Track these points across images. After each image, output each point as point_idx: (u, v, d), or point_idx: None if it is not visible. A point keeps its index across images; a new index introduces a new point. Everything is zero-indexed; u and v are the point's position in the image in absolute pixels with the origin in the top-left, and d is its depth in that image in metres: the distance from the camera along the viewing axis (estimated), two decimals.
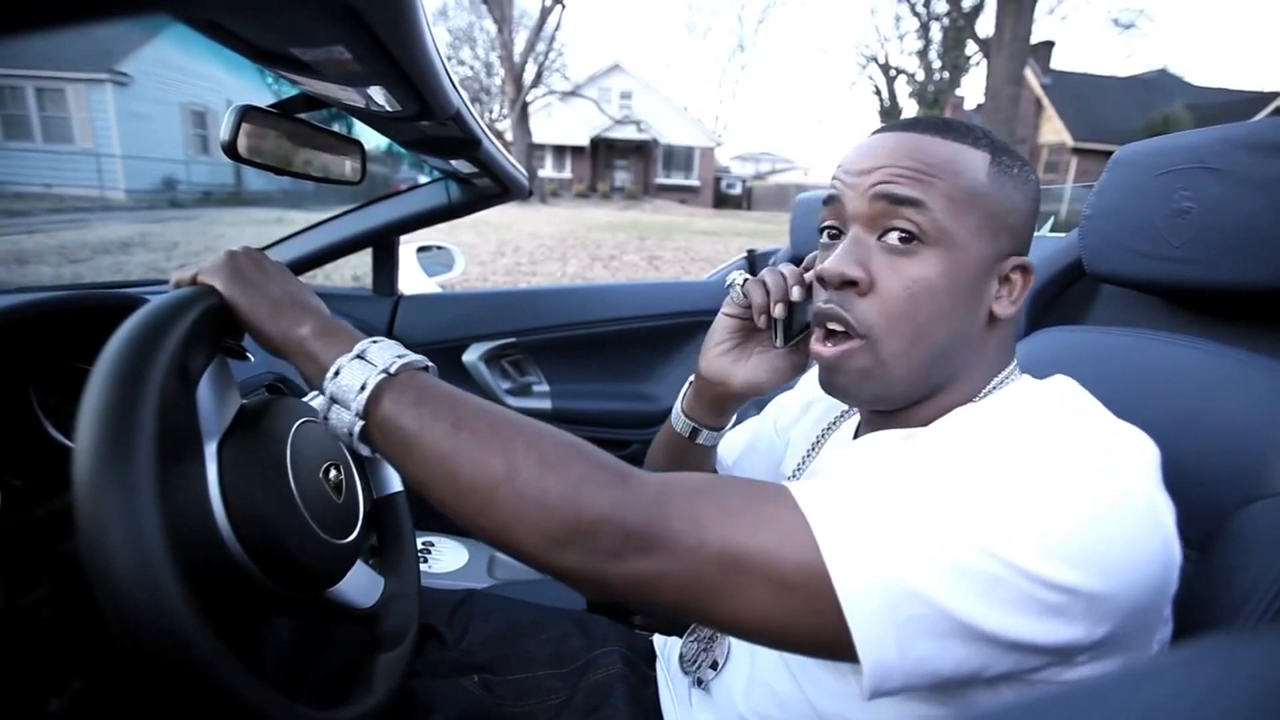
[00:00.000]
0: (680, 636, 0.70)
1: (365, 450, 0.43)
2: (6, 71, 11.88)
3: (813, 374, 0.60)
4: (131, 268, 6.51)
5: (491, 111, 25.11)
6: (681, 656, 0.65)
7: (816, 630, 0.36)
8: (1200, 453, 0.51)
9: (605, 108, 25.36)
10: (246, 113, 0.73)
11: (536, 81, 21.72)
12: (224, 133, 0.72)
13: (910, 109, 23.05)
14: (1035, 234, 0.53)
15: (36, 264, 5.93)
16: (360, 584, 0.59)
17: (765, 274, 0.58)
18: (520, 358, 1.59)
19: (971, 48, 18.69)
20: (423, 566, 1.05)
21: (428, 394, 0.42)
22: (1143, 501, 0.37)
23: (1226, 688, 0.20)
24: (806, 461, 0.63)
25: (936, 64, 21.69)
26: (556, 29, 21.68)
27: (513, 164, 1.15)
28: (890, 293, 0.47)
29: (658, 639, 0.74)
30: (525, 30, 21.34)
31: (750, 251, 1.76)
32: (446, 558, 1.12)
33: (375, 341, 0.44)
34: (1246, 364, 0.53)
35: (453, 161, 1.05)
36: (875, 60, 23.07)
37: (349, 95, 0.66)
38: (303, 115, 0.80)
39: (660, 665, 0.69)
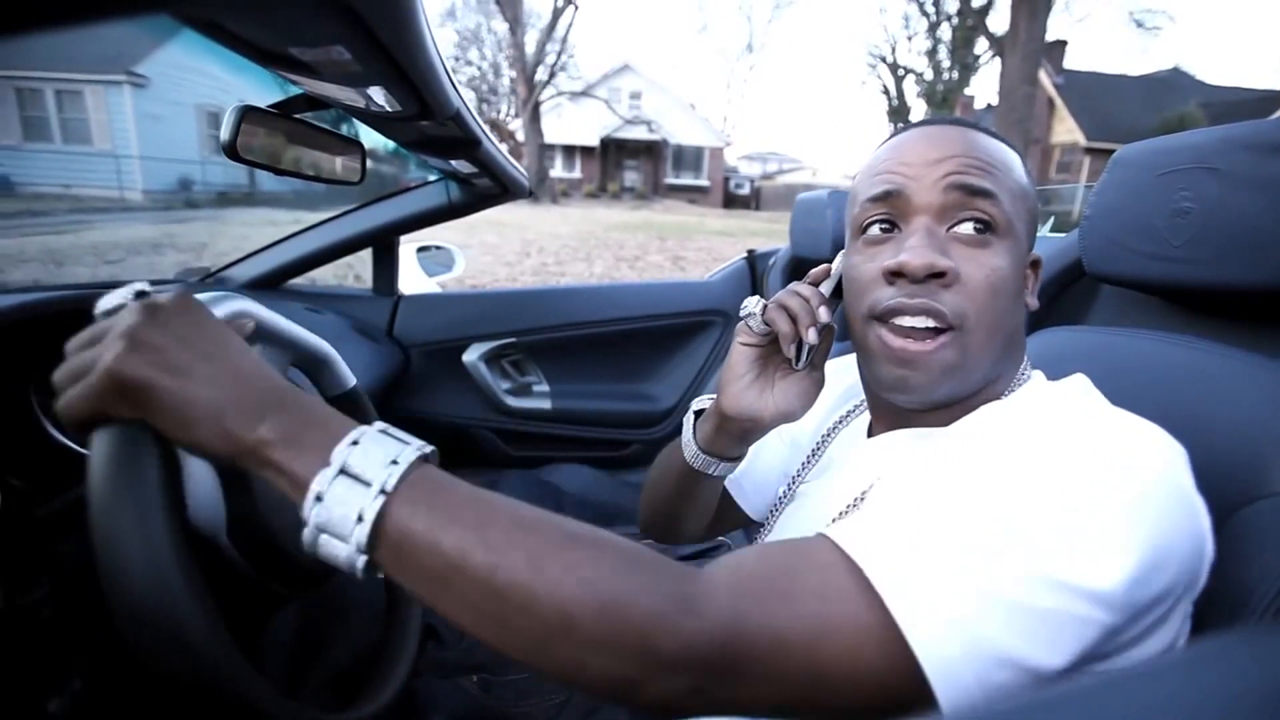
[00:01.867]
0: None
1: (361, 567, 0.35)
2: (27, 74, 12.12)
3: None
4: (165, 267, 6.53)
5: (499, 112, 25.09)
6: None
7: (904, 704, 0.34)
8: (1200, 452, 0.51)
9: (615, 108, 25.37)
10: (247, 113, 0.73)
11: (548, 82, 21.73)
12: (224, 133, 0.73)
13: (919, 109, 22.94)
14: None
15: (73, 264, 5.97)
16: None
17: (783, 298, 0.54)
18: (520, 358, 1.59)
19: (981, 46, 18.36)
20: None
21: (440, 502, 0.35)
22: (1188, 497, 0.37)
23: (1227, 687, 0.20)
24: (814, 460, 0.62)
25: (946, 64, 21.37)
26: (568, 29, 21.77)
27: (512, 164, 1.15)
28: (975, 283, 0.46)
29: None
30: (536, 31, 21.41)
31: (750, 251, 1.76)
32: None
33: (356, 442, 0.35)
34: (1247, 364, 0.53)
35: (453, 161, 1.05)
36: (884, 60, 22.76)
37: (349, 95, 0.66)
38: (303, 115, 0.80)
39: None
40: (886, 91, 23.08)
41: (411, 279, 1.88)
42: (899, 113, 23.34)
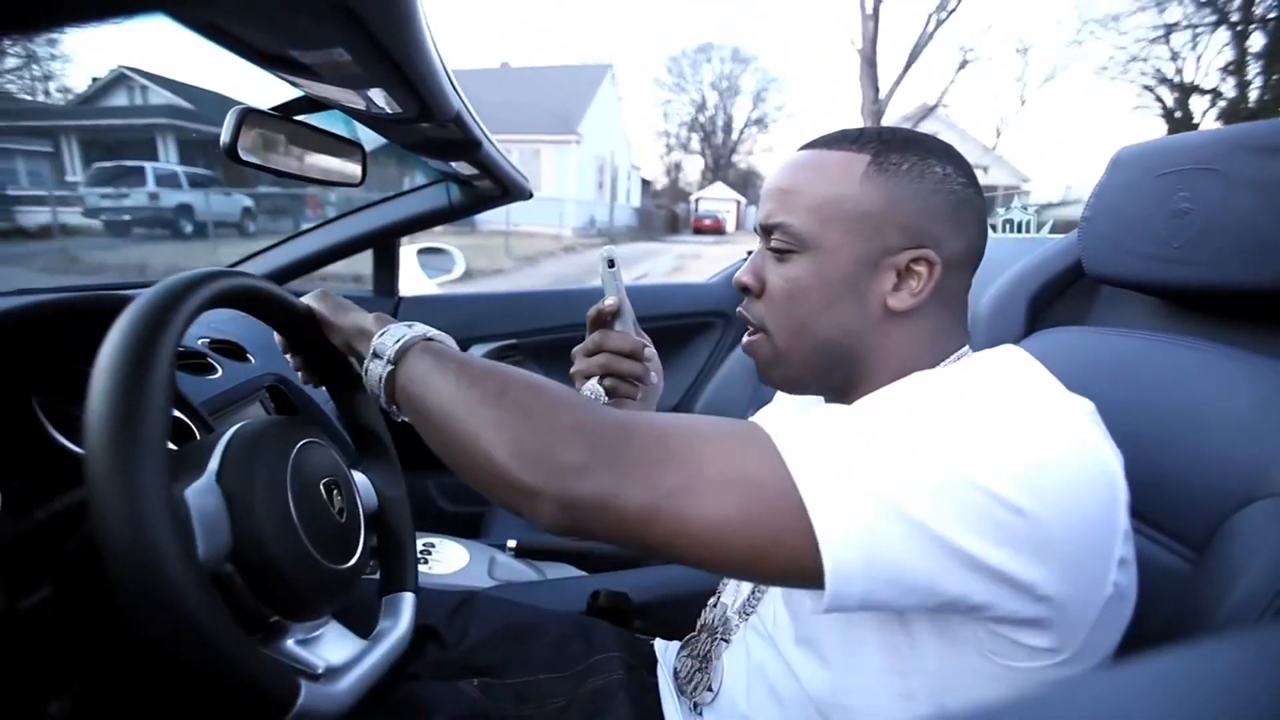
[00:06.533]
0: (680, 640, 0.70)
1: (394, 410, 0.52)
2: (502, 137, 15.20)
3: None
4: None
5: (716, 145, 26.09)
6: (677, 673, 0.66)
7: (785, 554, 0.39)
8: (1200, 453, 0.51)
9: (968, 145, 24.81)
10: (247, 115, 0.73)
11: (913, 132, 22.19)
12: (224, 135, 0.72)
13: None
14: (1036, 235, 0.52)
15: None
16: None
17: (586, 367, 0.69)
18: (521, 359, 1.59)
19: None
20: (422, 568, 1.05)
21: (443, 352, 0.50)
22: (1088, 440, 0.39)
23: (1227, 687, 0.20)
24: None
25: (1257, 79, 17.27)
26: (943, 92, 22.34)
27: (512, 166, 1.15)
28: (773, 294, 0.54)
29: (658, 644, 0.74)
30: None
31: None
32: (447, 559, 1.11)
33: (413, 325, 0.53)
34: (1246, 364, 0.53)
35: (453, 164, 1.05)
36: (1166, 79, 19.30)
37: (350, 97, 0.66)
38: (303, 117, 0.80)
39: (661, 671, 0.69)
40: (1168, 114, 19.68)
41: (413, 281, 1.88)
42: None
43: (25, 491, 0.54)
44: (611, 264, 0.65)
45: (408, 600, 0.64)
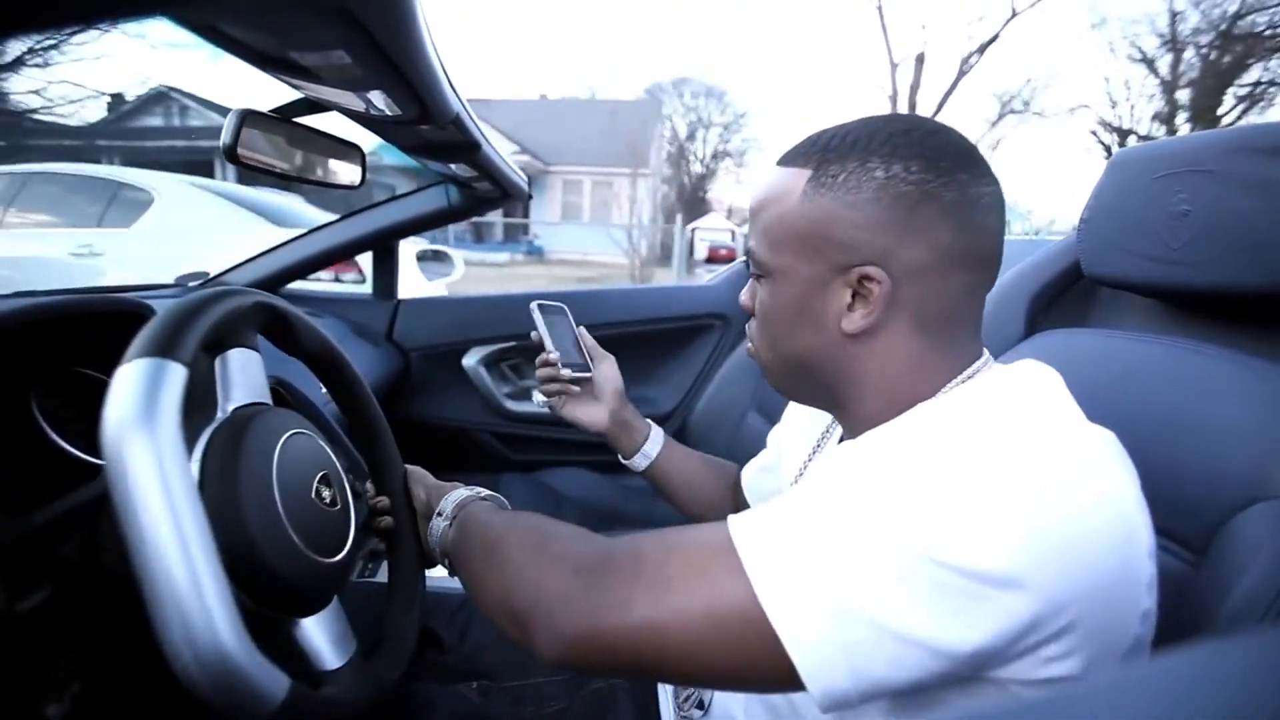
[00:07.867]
0: None
1: (445, 563, 0.61)
2: (573, 169, 17.54)
3: None
4: None
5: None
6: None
7: (765, 672, 0.37)
8: (1200, 455, 0.51)
9: None
10: (247, 117, 0.73)
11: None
12: (224, 136, 0.72)
13: None
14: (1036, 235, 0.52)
15: None
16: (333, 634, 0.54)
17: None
18: (520, 361, 1.59)
19: (1225, 105, 15.36)
20: None
21: (483, 509, 0.60)
22: (1105, 488, 0.37)
23: (1229, 688, 0.20)
24: (805, 467, 0.63)
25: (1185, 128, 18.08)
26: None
27: (511, 168, 1.16)
28: (756, 315, 0.54)
29: None
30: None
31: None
32: None
33: (471, 488, 0.64)
34: (1246, 367, 0.53)
35: (452, 166, 1.05)
36: (1110, 126, 19.74)
37: (350, 100, 0.66)
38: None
39: None
40: (1109, 150, 20.03)
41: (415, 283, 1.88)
42: None
43: (24, 494, 0.54)
44: (537, 311, 0.83)
45: None
